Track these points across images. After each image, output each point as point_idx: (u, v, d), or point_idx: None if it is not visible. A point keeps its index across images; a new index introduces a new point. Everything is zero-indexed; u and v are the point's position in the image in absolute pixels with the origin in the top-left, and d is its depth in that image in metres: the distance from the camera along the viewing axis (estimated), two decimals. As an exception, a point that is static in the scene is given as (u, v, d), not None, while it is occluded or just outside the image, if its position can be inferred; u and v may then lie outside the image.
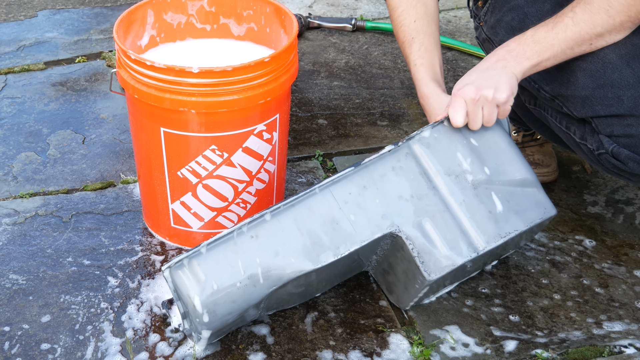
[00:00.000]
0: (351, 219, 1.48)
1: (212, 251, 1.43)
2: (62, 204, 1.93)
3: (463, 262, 1.50)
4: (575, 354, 1.56)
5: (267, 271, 1.44)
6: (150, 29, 1.81)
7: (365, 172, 1.50)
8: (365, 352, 1.56)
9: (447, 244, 1.50)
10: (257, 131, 1.67)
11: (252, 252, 1.44)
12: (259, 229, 1.45)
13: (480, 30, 1.80)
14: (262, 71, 1.59)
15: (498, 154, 1.55)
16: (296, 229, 1.46)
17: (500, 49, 1.56)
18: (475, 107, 1.51)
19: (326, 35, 2.68)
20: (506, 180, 1.55)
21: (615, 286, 1.72)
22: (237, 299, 1.44)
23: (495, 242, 1.52)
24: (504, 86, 1.51)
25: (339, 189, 1.49)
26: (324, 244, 1.46)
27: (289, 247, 1.45)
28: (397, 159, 1.52)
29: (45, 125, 2.21)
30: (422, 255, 1.49)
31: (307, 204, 1.47)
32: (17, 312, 1.64)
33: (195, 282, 1.43)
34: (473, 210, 1.52)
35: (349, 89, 2.39)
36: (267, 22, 1.83)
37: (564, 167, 2.06)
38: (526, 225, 1.54)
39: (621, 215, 1.91)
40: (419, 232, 1.50)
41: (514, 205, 1.54)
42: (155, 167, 1.71)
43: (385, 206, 1.50)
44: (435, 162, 1.53)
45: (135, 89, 1.61)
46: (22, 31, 2.68)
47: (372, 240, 1.48)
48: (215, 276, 1.43)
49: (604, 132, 1.56)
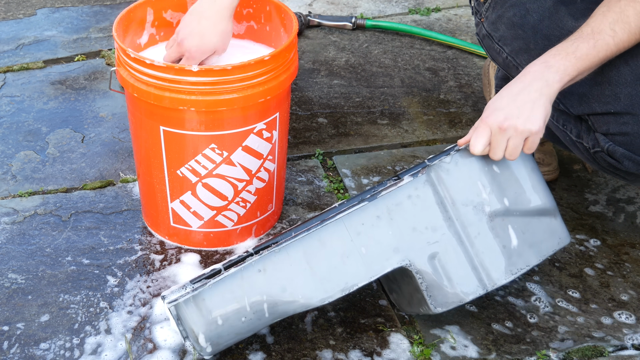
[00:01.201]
0: (362, 252, 1.43)
1: (219, 285, 1.40)
2: (61, 203, 1.93)
3: (471, 299, 1.48)
4: (576, 353, 1.55)
5: (273, 307, 1.42)
6: (149, 27, 1.81)
7: (380, 201, 1.44)
8: (365, 352, 1.55)
9: (457, 280, 1.46)
10: (256, 130, 1.67)
11: (259, 287, 1.41)
12: (267, 262, 1.41)
13: (480, 26, 1.80)
14: (262, 70, 1.59)
15: (519, 181, 1.49)
16: (305, 262, 1.42)
17: (536, 64, 1.45)
18: (501, 136, 1.41)
19: (326, 33, 2.68)
20: (524, 210, 1.49)
21: (616, 285, 1.71)
22: (241, 332, 1.43)
23: (505, 279, 1.48)
24: (537, 114, 1.41)
25: (352, 220, 1.43)
26: (332, 279, 1.43)
27: (297, 283, 1.42)
28: (415, 187, 1.45)
29: (45, 123, 2.21)
30: (430, 290, 1.46)
31: (318, 236, 1.42)
32: (16, 312, 1.64)
33: (199, 318, 1.40)
34: (487, 245, 1.47)
35: (349, 88, 2.38)
36: (266, 21, 1.82)
37: (564, 165, 2.05)
38: (538, 259, 1.50)
39: (622, 214, 1.91)
40: (430, 267, 1.46)
41: (529, 237, 1.49)
42: (154, 166, 1.70)
43: (398, 238, 1.45)
44: (453, 190, 1.46)
45: (134, 88, 1.61)
46: (21, 29, 2.67)
47: (381, 275, 1.45)
48: (221, 312, 1.40)
49: (600, 129, 1.56)
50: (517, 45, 1.69)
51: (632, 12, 1.46)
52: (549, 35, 1.63)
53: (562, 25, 1.61)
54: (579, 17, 1.60)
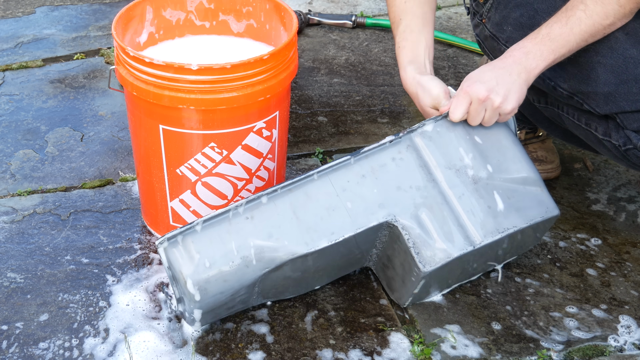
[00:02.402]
0: (348, 206, 1.48)
1: (207, 230, 1.45)
2: (60, 201, 1.92)
3: (459, 255, 1.49)
4: (577, 352, 1.55)
5: (260, 252, 1.46)
6: (149, 25, 1.81)
7: (364, 162, 1.50)
8: (365, 351, 1.55)
9: (444, 236, 1.50)
10: (256, 128, 1.66)
11: (246, 232, 1.45)
12: (255, 210, 1.46)
13: (482, 27, 1.78)
14: (262, 68, 1.58)
15: (501, 151, 1.55)
16: (292, 212, 1.47)
17: (516, 49, 1.53)
18: (479, 107, 1.51)
19: (326, 32, 2.67)
20: (508, 178, 1.54)
21: (618, 285, 1.71)
22: (230, 279, 1.45)
23: (492, 237, 1.51)
24: (514, 97, 1.50)
25: (338, 177, 1.49)
26: (318, 229, 1.47)
27: (283, 230, 1.46)
28: (398, 150, 1.52)
29: (44, 122, 2.20)
30: (417, 246, 1.49)
31: (304, 190, 1.48)
32: (15, 311, 1.63)
33: (188, 260, 1.44)
34: (472, 204, 1.51)
35: (349, 86, 2.38)
36: (266, 19, 1.82)
37: (565, 164, 2.05)
38: (526, 222, 1.53)
39: (623, 213, 1.90)
40: (416, 222, 1.49)
41: (515, 202, 1.53)
42: (154, 165, 1.70)
43: (383, 196, 1.50)
44: (436, 155, 1.52)
45: (134, 86, 1.60)
46: (20, 28, 2.66)
47: (367, 228, 1.48)
48: (209, 255, 1.44)
49: (631, 127, 1.55)
50: None
51: None
52: None
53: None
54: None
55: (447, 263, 1.50)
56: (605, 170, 2.04)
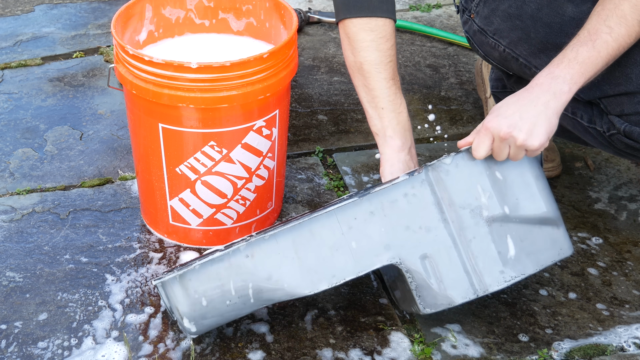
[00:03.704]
0: (352, 246, 1.42)
1: (206, 268, 1.41)
2: (59, 200, 1.91)
3: (461, 303, 1.46)
4: (578, 352, 1.55)
5: (258, 293, 1.42)
6: (148, 24, 1.80)
7: (375, 197, 1.43)
8: (365, 351, 1.55)
9: (448, 283, 1.44)
10: (256, 127, 1.66)
11: (246, 273, 1.41)
12: (256, 248, 1.41)
13: (470, 22, 1.77)
14: (261, 67, 1.58)
15: (522, 187, 1.45)
16: (293, 251, 1.41)
17: (542, 76, 1.44)
18: (502, 144, 1.41)
19: (326, 30, 2.67)
20: (524, 217, 1.46)
21: (619, 284, 1.70)
22: (226, 314, 1.44)
23: (497, 287, 1.46)
24: (540, 130, 1.39)
25: (345, 213, 1.42)
26: (319, 270, 1.42)
27: (283, 272, 1.41)
28: (412, 185, 1.43)
29: (43, 121, 2.20)
30: (420, 290, 1.45)
31: (309, 227, 1.41)
32: (13, 310, 1.63)
33: (184, 297, 1.42)
34: (482, 250, 1.44)
35: (349, 85, 2.37)
36: (266, 17, 1.81)
37: (566, 163, 2.04)
38: (536, 268, 1.47)
39: (624, 212, 1.90)
40: (421, 267, 1.44)
41: (528, 245, 1.46)
42: (153, 164, 1.69)
43: (390, 235, 1.43)
44: (451, 192, 1.44)
45: (133, 85, 1.60)
46: (19, 26, 2.66)
47: (369, 271, 1.44)
48: (206, 293, 1.42)
49: (614, 112, 1.54)
50: (516, 35, 1.67)
51: (627, 5, 1.45)
52: (550, 22, 1.61)
53: (562, 12, 1.60)
54: (578, 2, 1.59)
55: (448, 309, 1.47)
56: (607, 169, 2.03)
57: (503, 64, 1.74)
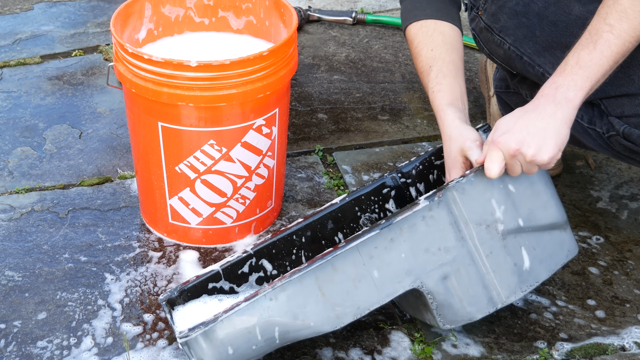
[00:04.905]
0: (374, 275, 1.41)
1: (231, 319, 1.38)
2: (58, 199, 1.91)
3: (481, 317, 1.47)
4: (579, 351, 1.54)
5: (284, 334, 1.41)
6: (147, 22, 1.79)
7: (395, 225, 1.41)
8: (365, 350, 1.54)
9: (468, 300, 1.45)
10: (256, 126, 1.65)
11: (271, 316, 1.39)
12: (280, 291, 1.39)
13: (477, 20, 1.77)
14: (261, 65, 1.57)
15: (533, 197, 1.46)
16: (317, 289, 1.40)
17: (546, 87, 1.42)
18: (512, 161, 1.39)
19: (326, 28, 2.66)
20: (537, 226, 1.47)
21: (619, 283, 1.70)
22: (251, 356, 1.42)
23: (515, 297, 1.47)
24: (550, 143, 1.37)
25: (366, 244, 1.41)
26: (344, 304, 1.41)
27: (309, 310, 1.40)
28: (429, 207, 1.42)
29: (42, 119, 2.19)
30: (440, 309, 1.46)
31: (331, 262, 1.40)
32: (12, 309, 1.62)
33: (210, 349, 1.39)
34: (498, 264, 1.45)
35: (350, 83, 2.36)
36: (266, 15, 1.81)
37: (567, 162, 2.04)
38: (548, 274, 1.50)
39: (625, 211, 1.89)
40: (442, 287, 1.44)
41: (540, 252, 1.48)
42: (152, 162, 1.69)
43: (410, 261, 1.42)
44: (467, 210, 1.43)
45: (132, 83, 1.59)
46: (18, 24, 2.65)
47: (392, 299, 1.43)
48: (232, 342, 1.39)
49: (614, 113, 1.53)
50: (521, 33, 1.66)
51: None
52: (556, 21, 1.60)
53: (569, 11, 1.59)
54: (586, 1, 1.57)
55: (467, 323, 1.48)
56: (608, 168, 2.03)
57: (507, 62, 1.73)
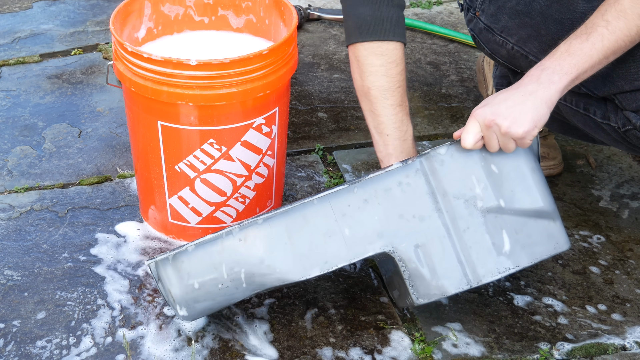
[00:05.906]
0: (345, 233, 1.42)
1: (199, 250, 1.42)
2: (57, 198, 1.91)
3: (454, 293, 1.45)
4: (579, 351, 1.54)
5: (250, 277, 1.43)
6: (147, 21, 1.79)
7: (369, 185, 1.43)
8: (366, 349, 1.54)
9: (441, 272, 1.44)
10: (256, 125, 1.65)
11: (238, 256, 1.42)
12: (249, 232, 1.42)
13: (476, 20, 1.76)
14: (261, 64, 1.57)
15: (517, 180, 1.45)
16: (286, 237, 1.42)
17: (533, 69, 1.45)
18: (488, 132, 1.41)
19: (326, 27, 2.66)
20: (520, 210, 1.46)
21: (620, 282, 1.69)
22: (217, 298, 1.44)
23: (491, 278, 1.45)
24: (526, 118, 1.39)
25: (339, 200, 1.43)
26: (311, 256, 1.42)
27: (276, 256, 1.42)
28: (406, 174, 1.44)
29: (41, 118, 2.19)
30: (412, 279, 1.44)
31: (302, 212, 1.42)
32: (12, 309, 1.62)
33: (177, 279, 1.43)
34: (476, 240, 1.44)
35: (350, 82, 2.36)
36: (266, 14, 1.81)
37: (568, 161, 2.04)
38: (530, 261, 1.46)
39: (626, 210, 1.89)
40: (414, 255, 1.44)
41: (522, 237, 1.46)
42: (152, 161, 1.69)
43: (383, 224, 1.43)
44: (446, 182, 1.44)
45: (132, 82, 1.59)
46: (17, 23, 2.65)
47: (362, 258, 1.44)
48: (198, 276, 1.42)
49: (630, 107, 1.54)
50: (525, 33, 1.66)
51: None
52: (561, 19, 1.60)
53: (573, 8, 1.59)
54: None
55: (441, 299, 1.47)
56: (608, 167, 2.02)
57: (511, 61, 1.73)
